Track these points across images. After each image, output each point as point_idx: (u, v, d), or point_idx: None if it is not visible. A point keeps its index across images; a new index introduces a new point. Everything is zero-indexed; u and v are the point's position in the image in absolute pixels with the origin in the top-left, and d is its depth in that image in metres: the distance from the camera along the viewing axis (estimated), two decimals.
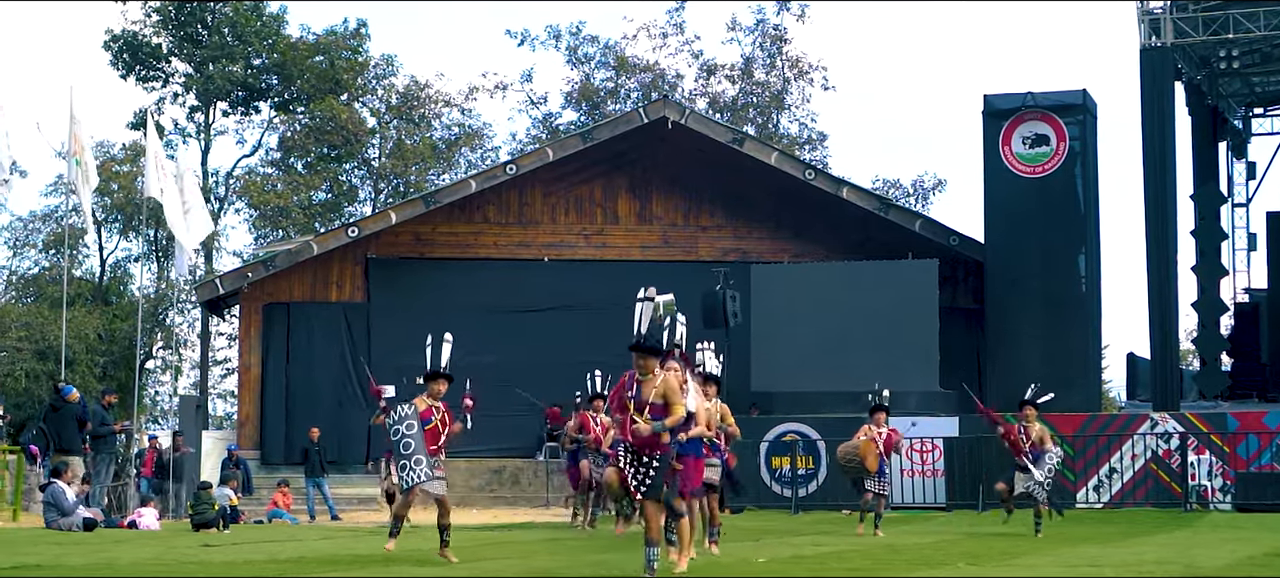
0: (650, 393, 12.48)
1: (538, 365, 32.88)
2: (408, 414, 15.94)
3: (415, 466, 15.68)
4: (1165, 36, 30.84)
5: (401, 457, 15.82)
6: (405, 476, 15.74)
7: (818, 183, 34.15)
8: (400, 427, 15.87)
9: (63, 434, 24.33)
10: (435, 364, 16.22)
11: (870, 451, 20.39)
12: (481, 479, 33.26)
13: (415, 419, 15.88)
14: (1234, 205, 38.41)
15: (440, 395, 16.13)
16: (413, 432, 15.81)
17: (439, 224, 34.73)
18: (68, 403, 24.69)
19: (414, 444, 15.77)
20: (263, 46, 53.25)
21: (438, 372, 16.17)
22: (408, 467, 15.69)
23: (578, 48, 55.03)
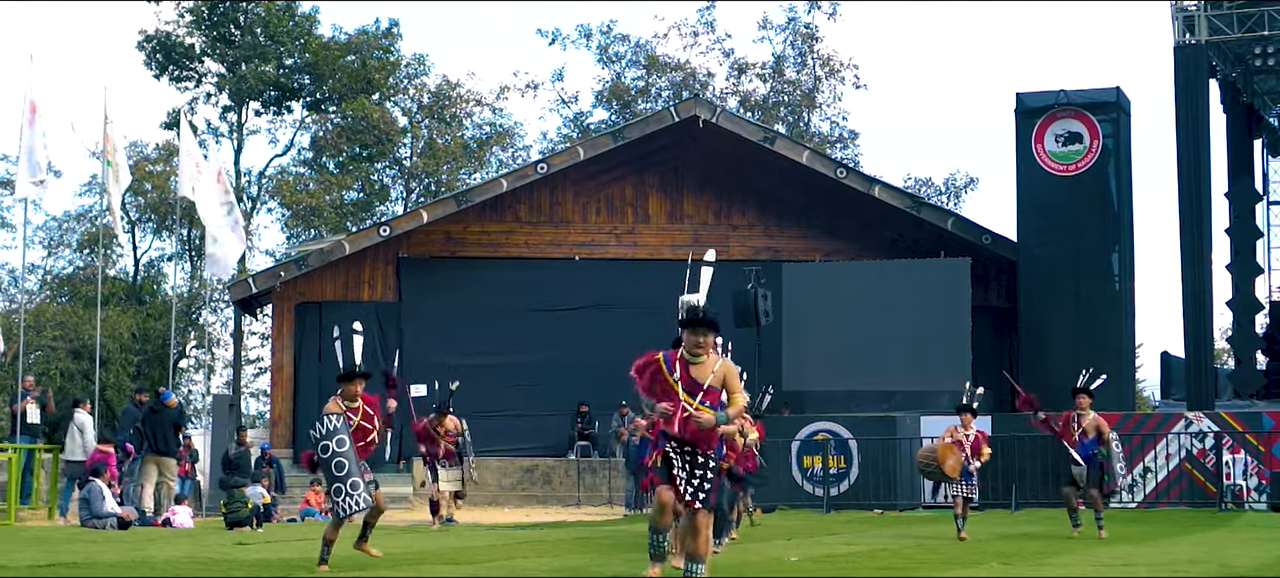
0: (705, 376, 11.14)
1: (569, 364, 32.93)
2: (336, 427, 14.12)
3: (352, 490, 13.94)
4: (1199, 33, 30.69)
5: (334, 479, 14.03)
6: (342, 503, 13.95)
7: (849, 181, 34.07)
8: (329, 443, 14.05)
9: (160, 437, 25.72)
10: (348, 363, 14.61)
11: (948, 455, 19.28)
12: (513, 479, 33.27)
13: (346, 434, 14.11)
14: (1269, 203, 38.22)
15: (356, 397, 14.45)
16: (345, 449, 14.02)
17: (470, 223, 34.75)
18: (166, 407, 26.24)
19: (349, 465, 14.03)
20: (295, 46, 53.44)
21: (352, 371, 14.54)
22: (344, 493, 13.92)
23: (609, 47, 55.12)
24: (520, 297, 33.85)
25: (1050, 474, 26.73)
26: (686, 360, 11.06)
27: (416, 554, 16.09)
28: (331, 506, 14.21)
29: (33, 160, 29.65)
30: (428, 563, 15.02)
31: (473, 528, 23.78)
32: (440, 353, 32.32)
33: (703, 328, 11.11)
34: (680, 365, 11.09)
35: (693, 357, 11.08)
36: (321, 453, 14.03)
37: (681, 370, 11.09)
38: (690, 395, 11.03)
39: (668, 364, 11.17)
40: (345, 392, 14.36)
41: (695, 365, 11.09)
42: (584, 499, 31.81)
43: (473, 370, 32.74)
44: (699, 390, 11.03)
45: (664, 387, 11.14)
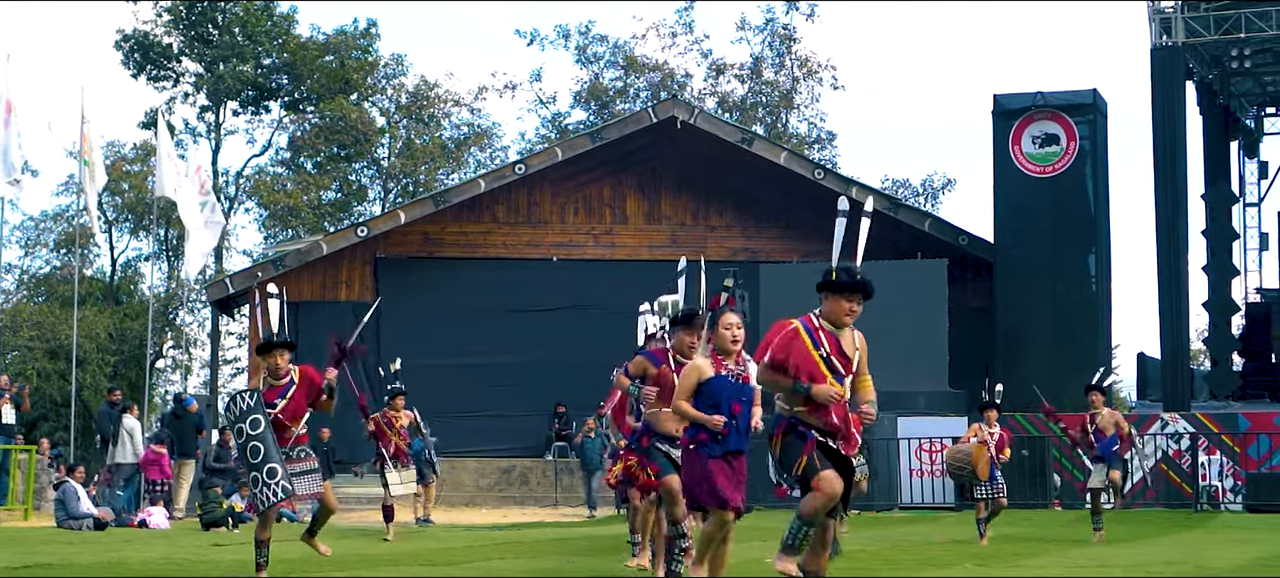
0: (852, 350, 9.56)
1: (547, 365, 32.93)
2: (250, 407, 12.29)
3: (269, 479, 12.17)
4: (1176, 35, 30.76)
5: (251, 467, 12.29)
6: (259, 494, 12.22)
7: (827, 182, 34.08)
8: (243, 425, 12.25)
9: (183, 440, 27.24)
10: (268, 332, 12.63)
11: (982, 456, 18.69)
12: (490, 479, 33.26)
13: (261, 414, 12.26)
14: (1246, 205, 38.32)
15: (282, 371, 12.58)
16: (259, 432, 12.21)
17: (448, 224, 34.72)
18: (189, 413, 27.88)
19: (264, 450, 12.24)
20: (273, 46, 53.36)
21: (272, 341, 12.59)
22: (260, 483, 12.17)
23: (587, 47, 55.10)
24: (498, 297, 33.83)
25: (1027, 476, 26.85)
26: (831, 332, 9.45)
27: (391, 556, 16.07)
28: (253, 498, 12.56)
29: (9, 160, 29.62)
30: (403, 565, 14.99)
31: (449, 529, 23.75)
32: (418, 354, 32.23)
33: (857, 293, 9.54)
34: (825, 337, 9.44)
35: (837, 326, 9.47)
36: (237, 436, 12.37)
37: (831, 343, 9.46)
38: (838, 379, 9.44)
39: (810, 334, 9.47)
40: (269, 367, 12.60)
41: (840, 335, 9.48)
42: (561, 500, 31.80)
43: (450, 371, 32.75)
44: (849, 370, 9.49)
45: (808, 363, 9.40)
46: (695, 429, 10.04)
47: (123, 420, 27.10)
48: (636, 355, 11.92)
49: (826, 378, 9.36)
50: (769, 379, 9.52)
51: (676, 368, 11.09)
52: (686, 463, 10.22)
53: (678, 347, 11.41)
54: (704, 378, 10.02)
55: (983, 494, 18.67)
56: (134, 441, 26.82)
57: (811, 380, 9.34)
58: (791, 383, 9.37)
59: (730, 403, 9.98)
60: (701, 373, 10.04)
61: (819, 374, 9.35)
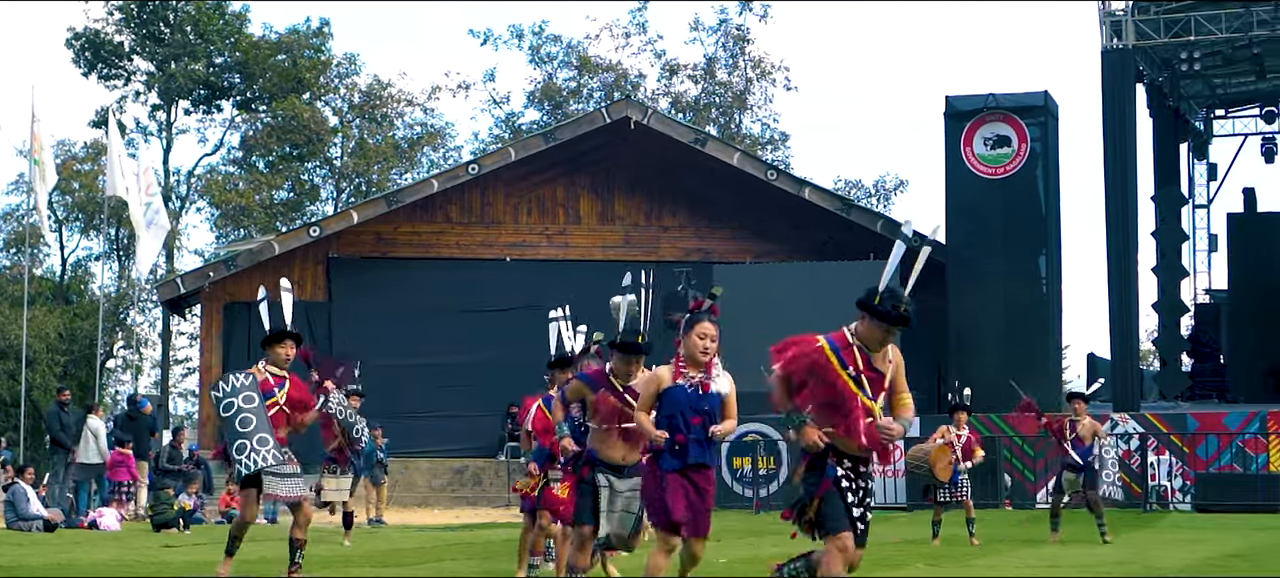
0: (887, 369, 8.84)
1: (500, 365, 32.81)
2: (244, 384, 12.09)
3: (260, 446, 11.83)
4: (1127, 38, 30.93)
5: (238, 435, 11.84)
6: (244, 460, 11.79)
7: (780, 183, 34.18)
8: (236, 399, 11.96)
9: (138, 442, 27.30)
10: (277, 322, 12.61)
11: (942, 458, 18.49)
12: (443, 480, 33.21)
13: (255, 391, 12.08)
14: (1195, 207, 38.57)
15: (286, 365, 12.50)
16: (254, 406, 11.97)
17: (401, 224, 34.65)
18: (143, 415, 28.01)
19: (256, 421, 11.93)
20: (225, 45, 53.11)
21: (283, 331, 12.54)
22: (248, 448, 11.79)
23: (540, 47, 55.03)
24: (451, 297, 33.76)
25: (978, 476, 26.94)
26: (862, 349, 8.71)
27: (343, 558, 16.04)
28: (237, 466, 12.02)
29: None
30: (355, 566, 14.96)
31: (402, 530, 23.72)
32: (370, 354, 32.12)
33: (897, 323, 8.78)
34: (858, 355, 8.71)
35: (871, 347, 8.74)
36: (224, 411, 11.94)
37: (861, 360, 8.72)
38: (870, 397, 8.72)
39: (837, 353, 8.69)
40: (273, 358, 12.44)
41: (875, 353, 8.76)
42: (514, 501, 31.67)
43: (403, 371, 32.67)
44: (881, 388, 8.77)
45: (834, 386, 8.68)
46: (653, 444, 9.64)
47: (87, 421, 27.04)
48: (573, 380, 11.05)
49: (857, 396, 8.61)
50: (780, 400, 8.81)
51: (618, 392, 10.35)
52: (645, 478, 9.81)
53: (618, 369, 10.53)
54: (663, 387, 9.60)
55: (944, 496, 18.62)
56: (99, 441, 26.76)
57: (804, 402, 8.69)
58: (787, 410, 8.73)
59: (688, 414, 9.49)
60: (660, 382, 9.62)
61: (849, 395, 8.61)
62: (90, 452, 26.72)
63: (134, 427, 27.53)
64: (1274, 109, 37.72)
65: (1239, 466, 27.48)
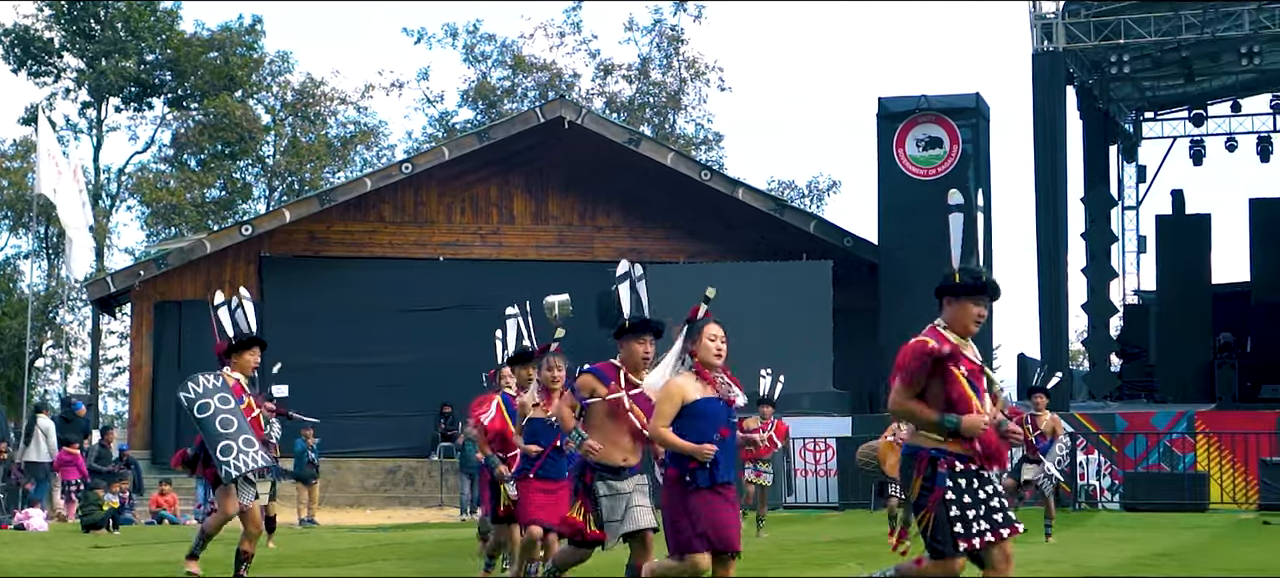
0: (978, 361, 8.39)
1: (433, 365, 32.75)
2: (216, 386, 11.78)
3: (246, 448, 11.60)
4: (1057, 41, 31.18)
5: (222, 437, 11.52)
6: (233, 461, 11.55)
7: (713, 183, 34.26)
8: (211, 400, 11.65)
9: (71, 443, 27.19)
10: (242, 331, 12.19)
11: (891, 454, 17.82)
12: (376, 480, 33.10)
13: (228, 393, 11.81)
14: (1124, 208, 38.92)
15: (251, 371, 12.28)
16: (231, 407, 11.70)
17: (334, 223, 34.50)
18: (77, 417, 28.18)
19: (237, 422, 11.66)
20: (156, 42, 52.73)
21: (252, 337, 12.22)
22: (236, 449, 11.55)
23: (474, 46, 54.95)
24: (384, 297, 33.65)
25: None
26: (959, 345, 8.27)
27: (273, 558, 15.96)
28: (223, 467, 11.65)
29: None
30: (286, 566, 14.90)
31: (334, 530, 23.63)
32: (303, 353, 32.01)
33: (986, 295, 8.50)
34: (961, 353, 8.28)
35: (963, 335, 8.36)
36: (199, 412, 11.62)
37: (967, 361, 8.27)
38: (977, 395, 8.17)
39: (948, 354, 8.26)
40: (239, 365, 12.13)
41: (969, 348, 8.34)
42: (447, 501, 31.67)
43: (336, 371, 32.54)
44: (984, 388, 8.26)
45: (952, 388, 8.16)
46: (682, 460, 8.81)
47: (37, 421, 27.11)
48: (582, 374, 10.15)
49: (973, 404, 8.06)
50: (907, 410, 8.16)
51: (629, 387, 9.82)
52: (672, 499, 8.85)
53: (628, 360, 9.96)
54: (688, 400, 8.87)
55: (896, 492, 18.45)
56: (48, 441, 26.76)
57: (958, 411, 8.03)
58: (936, 417, 8.03)
59: (718, 429, 8.86)
60: (685, 394, 8.88)
61: (966, 397, 8.05)
62: (41, 451, 26.70)
63: (67, 428, 27.46)
64: (1202, 112, 38.16)
65: (1167, 465, 27.76)
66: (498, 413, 12.50)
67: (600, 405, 9.87)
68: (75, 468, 26.35)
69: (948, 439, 8.03)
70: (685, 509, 8.75)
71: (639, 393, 9.79)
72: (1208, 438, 27.73)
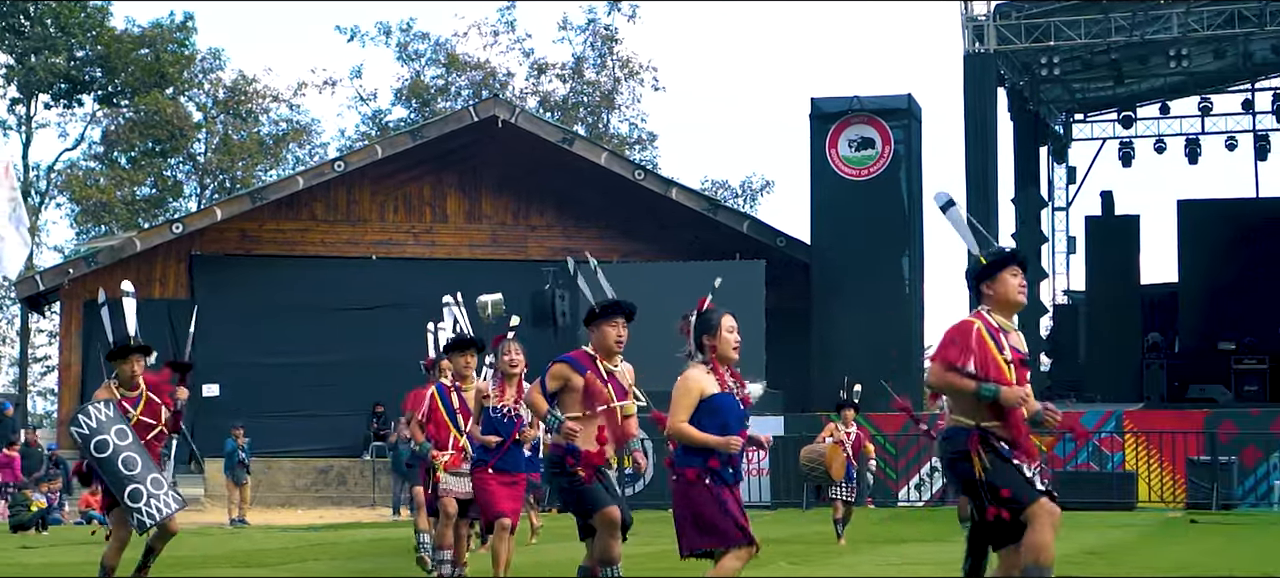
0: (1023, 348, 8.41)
1: (366, 364, 32.65)
2: (110, 417, 10.95)
3: (154, 489, 10.82)
4: (989, 43, 31.38)
5: (126, 481, 10.75)
6: (144, 509, 10.74)
7: (647, 183, 34.31)
8: (105, 436, 10.84)
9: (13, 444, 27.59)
10: (120, 335, 11.49)
11: (836, 456, 18.05)
12: (307, 479, 32.95)
13: (124, 423, 10.99)
14: (1054, 209, 39.18)
15: (135, 381, 11.38)
16: (128, 442, 10.87)
17: (266, 221, 34.35)
18: (5, 417, 28.28)
19: (140, 460, 10.88)
20: (86, 38, 52.31)
21: (127, 345, 11.44)
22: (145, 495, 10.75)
23: (408, 44, 54.83)
24: (316, 296, 33.52)
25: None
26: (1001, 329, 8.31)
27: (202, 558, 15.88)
28: (134, 518, 10.86)
29: None
30: (216, 566, 14.83)
31: (265, 530, 23.53)
32: (234, 353, 31.92)
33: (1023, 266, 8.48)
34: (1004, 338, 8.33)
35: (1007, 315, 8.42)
36: (97, 451, 10.80)
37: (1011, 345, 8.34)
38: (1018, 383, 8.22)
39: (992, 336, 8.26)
40: (120, 374, 11.36)
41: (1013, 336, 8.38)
42: (379, 500, 31.58)
43: (268, 370, 32.41)
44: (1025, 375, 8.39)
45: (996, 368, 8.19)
46: (702, 457, 8.47)
47: None
48: (554, 363, 9.85)
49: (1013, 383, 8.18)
50: (946, 382, 8.19)
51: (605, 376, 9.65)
52: (691, 498, 8.47)
53: (600, 344, 9.78)
54: (707, 394, 8.55)
55: (837, 495, 18.31)
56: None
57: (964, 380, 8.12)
58: (976, 386, 8.10)
59: (738, 427, 8.55)
60: (703, 388, 8.56)
61: (1006, 380, 8.15)
62: None
63: None
64: (1131, 114, 38.48)
65: (1095, 464, 27.98)
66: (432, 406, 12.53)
67: (574, 395, 9.67)
68: (10, 471, 26.10)
69: (986, 416, 8.13)
70: (716, 504, 8.39)
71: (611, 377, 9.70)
72: (1136, 437, 27.98)
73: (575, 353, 9.86)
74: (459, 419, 12.31)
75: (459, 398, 12.41)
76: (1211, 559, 15.28)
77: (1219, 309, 33.14)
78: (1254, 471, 27.39)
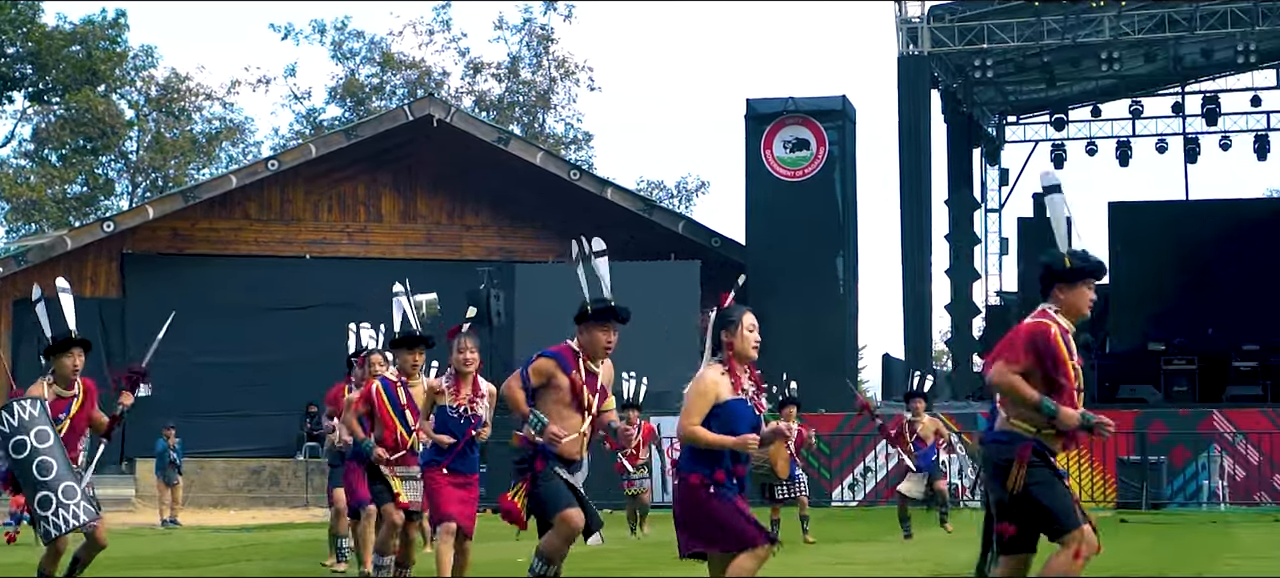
0: None
1: (299, 364, 32.48)
2: (33, 417, 10.42)
3: (67, 499, 10.30)
4: (922, 45, 31.54)
5: (39, 486, 10.25)
6: (54, 518, 10.23)
7: (583, 183, 34.32)
8: (26, 437, 10.33)
9: None
10: (59, 329, 10.93)
11: (781, 454, 18.10)
12: (240, 480, 32.77)
13: (48, 425, 10.46)
14: (987, 211, 39.41)
15: (73, 379, 10.94)
16: (48, 445, 10.36)
17: (198, 220, 34.14)
18: None
19: (56, 466, 10.36)
20: (16, 35, 51.78)
21: (68, 339, 10.92)
22: (55, 504, 10.24)
23: (343, 43, 54.62)
24: (249, 295, 33.34)
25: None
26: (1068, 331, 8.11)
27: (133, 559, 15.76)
28: (41, 527, 10.38)
29: None
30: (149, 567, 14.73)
31: (197, 531, 23.38)
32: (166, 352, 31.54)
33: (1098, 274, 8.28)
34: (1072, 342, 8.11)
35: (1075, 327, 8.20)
36: (15, 452, 10.33)
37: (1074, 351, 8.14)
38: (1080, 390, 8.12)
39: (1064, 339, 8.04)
40: (59, 370, 10.90)
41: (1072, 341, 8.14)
42: (312, 500, 31.43)
43: (199, 370, 32.20)
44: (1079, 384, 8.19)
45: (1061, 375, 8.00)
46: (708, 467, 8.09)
47: None
48: (538, 358, 9.66)
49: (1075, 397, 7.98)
50: (1011, 385, 7.90)
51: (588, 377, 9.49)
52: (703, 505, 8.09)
53: (588, 347, 9.67)
54: (721, 399, 8.15)
55: (784, 494, 18.33)
56: None
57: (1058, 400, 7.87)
58: (1038, 398, 7.86)
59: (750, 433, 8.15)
60: (718, 392, 8.16)
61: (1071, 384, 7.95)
62: None
63: None
64: (1063, 116, 38.79)
65: None
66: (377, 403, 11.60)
67: (553, 394, 9.46)
68: None
69: (1041, 429, 7.93)
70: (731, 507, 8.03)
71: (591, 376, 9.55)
72: None
73: (560, 348, 9.59)
74: (407, 416, 11.53)
75: (407, 394, 11.58)
76: (1141, 559, 15.42)
77: (1149, 311, 33.43)
78: (1183, 470, 27.70)
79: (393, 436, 11.53)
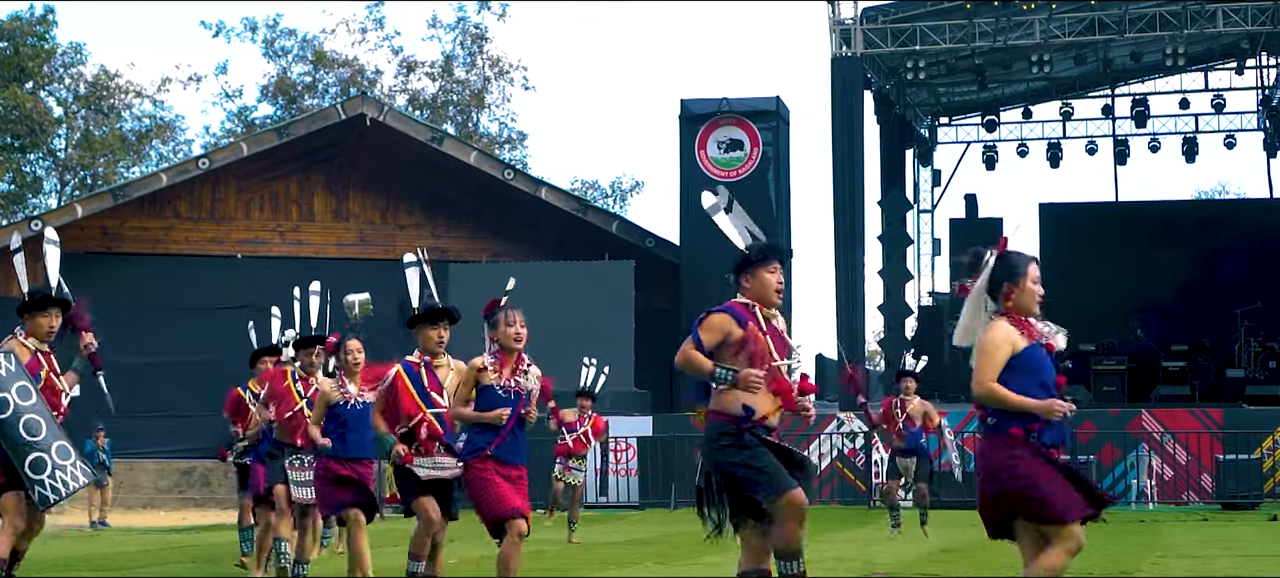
0: None
1: (230, 364, 32.23)
2: (11, 372, 9.54)
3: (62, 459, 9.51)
4: (856, 46, 31.63)
5: (29, 446, 9.39)
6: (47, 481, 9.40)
7: (516, 183, 34.25)
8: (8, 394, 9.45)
9: None
10: (40, 286, 10.25)
11: None
12: (170, 481, 32.54)
13: (26, 379, 9.63)
14: (920, 211, 39.61)
15: (49, 337, 10.16)
16: (31, 403, 9.55)
17: (128, 219, 33.86)
18: None
19: (44, 424, 9.55)
20: None
21: (47, 295, 10.15)
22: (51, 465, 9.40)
23: (275, 41, 54.33)
24: (180, 295, 33.11)
25: None
26: None
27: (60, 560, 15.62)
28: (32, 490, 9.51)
29: None
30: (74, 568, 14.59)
31: (125, 532, 23.20)
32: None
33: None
34: None
35: None
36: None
37: None
38: None
39: None
40: (34, 327, 10.05)
41: None
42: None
43: (129, 370, 31.78)
44: None
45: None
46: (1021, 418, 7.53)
47: None
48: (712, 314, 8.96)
49: None
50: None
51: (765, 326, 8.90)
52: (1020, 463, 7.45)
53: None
54: (1017, 349, 7.53)
55: None
56: None
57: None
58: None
59: (1053, 389, 7.65)
60: (1014, 341, 7.56)
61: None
62: None
63: None
64: (995, 118, 39.05)
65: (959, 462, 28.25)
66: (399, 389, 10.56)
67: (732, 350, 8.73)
68: None
69: None
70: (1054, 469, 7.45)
71: None
72: None
73: (733, 304, 8.80)
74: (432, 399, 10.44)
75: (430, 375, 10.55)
76: None
77: (1079, 311, 33.56)
78: (1112, 470, 27.90)
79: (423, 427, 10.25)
